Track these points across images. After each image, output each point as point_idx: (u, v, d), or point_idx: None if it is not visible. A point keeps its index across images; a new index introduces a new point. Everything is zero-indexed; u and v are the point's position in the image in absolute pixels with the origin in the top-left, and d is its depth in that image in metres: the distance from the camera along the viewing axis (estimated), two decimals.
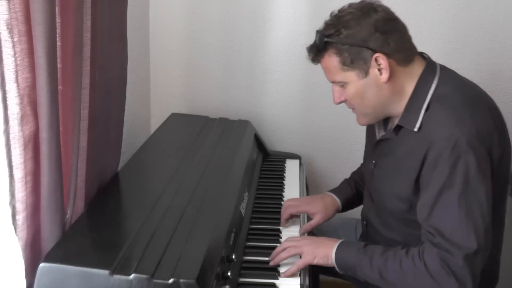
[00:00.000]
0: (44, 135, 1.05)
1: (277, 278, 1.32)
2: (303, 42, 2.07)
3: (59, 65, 1.10)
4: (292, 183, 1.88)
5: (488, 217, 1.19)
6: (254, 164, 1.90)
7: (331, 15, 1.32)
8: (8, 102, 0.99)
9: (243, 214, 1.52)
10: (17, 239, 1.08)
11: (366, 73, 1.27)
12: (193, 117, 2.10)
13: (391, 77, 1.26)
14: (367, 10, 1.27)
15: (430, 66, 1.32)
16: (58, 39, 1.09)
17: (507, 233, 1.39)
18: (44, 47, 0.99)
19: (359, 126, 2.15)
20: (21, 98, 1.01)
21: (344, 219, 1.75)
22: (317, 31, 1.31)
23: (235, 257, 1.31)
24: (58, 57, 1.08)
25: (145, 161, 1.67)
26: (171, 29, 2.11)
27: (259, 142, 2.05)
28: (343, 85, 1.32)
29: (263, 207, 1.68)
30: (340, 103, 1.37)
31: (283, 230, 1.56)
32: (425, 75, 1.29)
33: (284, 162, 2.05)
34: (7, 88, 0.98)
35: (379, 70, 1.26)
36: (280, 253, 1.36)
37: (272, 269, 1.35)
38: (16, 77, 0.99)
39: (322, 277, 1.82)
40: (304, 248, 1.35)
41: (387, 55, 1.25)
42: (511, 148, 1.30)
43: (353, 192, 1.65)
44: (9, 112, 1.00)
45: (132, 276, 1.04)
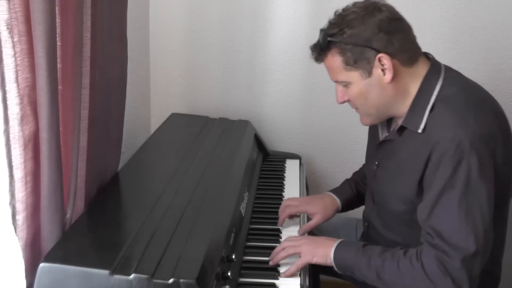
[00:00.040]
0: (44, 135, 1.05)
1: (277, 278, 1.32)
2: (303, 42, 2.10)
3: (59, 65, 1.10)
4: (292, 183, 1.88)
5: (489, 220, 1.18)
6: (254, 164, 1.90)
7: (335, 13, 1.30)
8: (8, 102, 0.99)
9: (243, 214, 1.52)
10: (17, 239, 1.08)
11: (369, 73, 1.26)
12: (193, 117, 2.10)
13: (394, 78, 1.25)
14: (371, 10, 1.25)
15: (434, 67, 1.30)
16: (58, 39, 1.09)
17: (509, 234, 1.38)
18: (44, 47, 0.99)
19: (359, 126, 2.15)
20: (21, 98, 1.01)
21: (344, 219, 1.74)
22: (321, 30, 1.30)
23: (235, 257, 1.31)
24: (58, 57, 1.08)
25: (145, 161, 1.67)
26: (171, 29, 2.11)
27: (259, 142, 2.05)
28: (346, 85, 1.31)
29: (263, 207, 1.68)
30: (343, 102, 1.36)
31: (283, 230, 1.56)
32: (429, 76, 1.28)
33: (284, 162, 2.05)
34: (7, 88, 0.98)
35: (382, 70, 1.25)
36: (279, 253, 1.36)
37: (272, 269, 1.35)
38: (16, 77, 0.99)
39: (322, 277, 1.82)
40: (303, 247, 1.35)
41: (391, 56, 1.24)
42: None
43: (353, 192, 1.64)
44: (9, 112, 1.00)
45: (132, 276, 1.04)
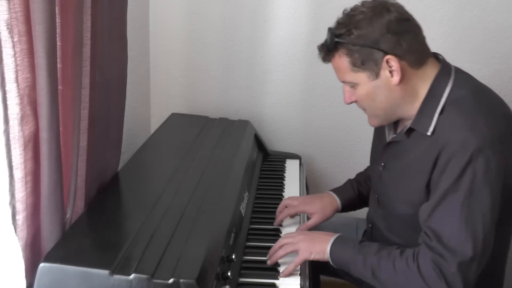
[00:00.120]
0: (44, 135, 1.05)
1: (277, 278, 1.32)
2: (303, 42, 2.11)
3: (59, 65, 1.10)
4: (292, 183, 1.88)
5: (490, 226, 1.17)
6: (254, 164, 1.90)
7: (343, 12, 1.28)
8: (8, 102, 0.99)
9: (243, 214, 1.52)
10: (17, 239, 1.08)
11: (377, 75, 1.24)
12: (193, 117, 2.10)
13: (402, 80, 1.23)
14: (379, 10, 1.23)
15: (444, 68, 1.28)
16: (58, 39, 1.08)
17: None
18: (44, 47, 0.99)
19: (359, 126, 2.18)
20: (21, 98, 1.01)
21: (344, 219, 1.74)
22: (329, 29, 1.27)
23: (235, 257, 1.31)
24: (58, 57, 1.08)
25: (145, 161, 1.67)
26: (171, 29, 2.11)
27: (259, 142, 2.05)
28: (353, 85, 1.29)
29: (263, 207, 1.68)
30: (351, 103, 1.34)
31: (283, 229, 1.56)
32: (439, 78, 1.26)
33: (284, 162, 2.05)
34: (7, 88, 0.98)
35: (390, 72, 1.23)
36: (278, 252, 1.36)
37: (272, 269, 1.35)
38: (16, 77, 0.99)
39: (323, 278, 1.82)
40: (301, 244, 1.35)
41: (399, 57, 1.22)
42: None
43: (355, 193, 1.63)
44: (9, 112, 1.00)
45: (132, 276, 1.04)
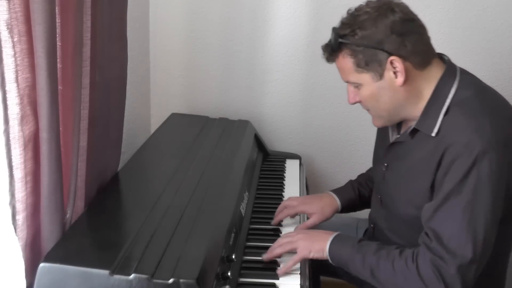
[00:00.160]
0: (44, 135, 1.05)
1: (277, 278, 1.32)
2: (303, 42, 2.11)
3: (59, 65, 1.10)
4: (292, 183, 1.88)
5: (491, 228, 1.17)
6: (254, 164, 1.90)
7: (348, 12, 1.28)
8: (8, 102, 0.99)
9: (243, 214, 1.52)
10: (17, 239, 1.08)
11: (380, 76, 1.23)
12: (193, 117, 2.10)
13: (407, 81, 1.22)
14: (384, 11, 1.22)
15: (450, 69, 1.27)
16: (58, 39, 1.08)
17: None
18: (44, 47, 0.99)
19: (359, 126, 2.18)
20: (21, 98, 1.01)
21: (344, 219, 1.74)
22: (333, 29, 1.27)
23: (235, 257, 1.31)
24: (58, 57, 1.08)
25: (145, 161, 1.67)
26: (171, 29, 2.11)
27: (259, 142, 2.05)
28: (357, 86, 1.29)
29: (263, 207, 1.68)
30: (355, 103, 1.33)
31: (283, 229, 1.56)
32: (444, 79, 1.25)
33: (284, 162, 2.05)
34: (7, 88, 0.98)
35: (394, 73, 1.22)
36: (276, 249, 1.37)
37: (272, 269, 1.35)
38: (16, 77, 0.99)
39: (323, 278, 1.82)
40: (299, 243, 1.35)
41: (403, 58, 1.21)
42: None
43: (355, 194, 1.63)
44: (9, 112, 1.00)
45: (132, 276, 1.04)
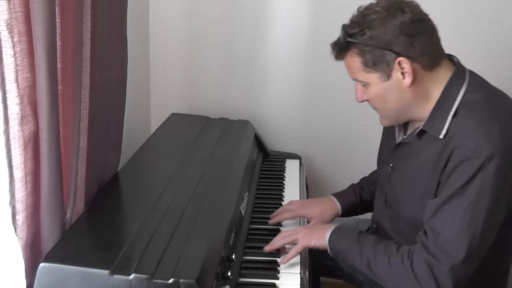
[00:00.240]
0: (44, 135, 1.05)
1: (277, 278, 1.32)
2: (303, 42, 2.11)
3: (59, 65, 1.10)
4: (292, 183, 1.88)
5: (490, 232, 1.18)
6: (254, 164, 1.90)
7: (358, 10, 1.27)
8: (8, 102, 0.99)
9: (243, 214, 1.52)
10: (17, 239, 1.08)
11: (388, 76, 1.23)
12: (193, 117, 2.10)
13: (414, 82, 1.22)
14: (393, 11, 1.20)
15: (459, 71, 1.26)
16: (58, 39, 1.08)
17: None
18: (44, 47, 0.99)
19: (359, 126, 2.18)
20: (21, 98, 1.01)
21: (345, 219, 1.74)
22: (343, 27, 1.26)
23: (235, 257, 1.31)
24: (58, 57, 1.08)
25: (145, 161, 1.67)
26: (171, 29, 2.11)
27: (259, 142, 2.05)
28: (365, 85, 1.28)
29: (263, 207, 1.68)
30: (363, 101, 1.33)
31: (283, 230, 1.55)
32: (453, 81, 1.24)
33: (284, 162, 2.05)
34: (7, 88, 0.98)
35: (402, 74, 1.21)
36: (278, 241, 1.39)
37: (272, 269, 1.35)
38: (16, 77, 0.99)
39: (322, 279, 1.83)
40: (300, 234, 1.38)
41: (412, 59, 1.20)
42: None
43: (356, 198, 1.63)
44: (9, 112, 1.00)
45: (132, 276, 1.04)
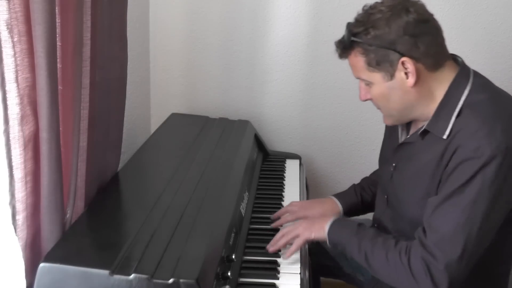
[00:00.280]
0: (44, 135, 1.05)
1: (277, 278, 1.32)
2: (303, 42, 2.11)
3: (59, 65, 1.10)
4: (292, 183, 1.88)
5: (487, 231, 1.18)
6: (254, 164, 1.90)
7: (363, 9, 1.27)
8: (8, 102, 0.99)
9: (243, 214, 1.52)
10: (17, 239, 1.08)
11: (391, 76, 1.23)
12: (193, 117, 2.10)
13: (418, 82, 1.22)
14: (398, 10, 1.20)
15: (463, 71, 1.26)
16: (58, 39, 1.08)
17: None
18: (44, 47, 0.99)
19: (359, 126, 2.18)
20: (21, 98, 1.01)
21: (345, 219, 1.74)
22: (347, 26, 1.26)
23: (235, 257, 1.31)
24: (58, 57, 1.08)
25: (145, 161, 1.67)
26: (171, 29, 2.11)
27: (259, 142, 2.05)
28: (368, 84, 1.28)
29: (263, 207, 1.68)
30: (366, 100, 1.33)
31: (283, 228, 1.56)
32: (457, 81, 1.24)
33: (284, 162, 2.05)
34: (7, 88, 0.98)
35: (405, 74, 1.22)
36: (280, 240, 1.39)
37: (272, 269, 1.35)
38: (16, 77, 0.99)
39: (322, 279, 1.83)
40: (300, 228, 1.39)
41: (415, 59, 1.20)
42: None
43: (357, 198, 1.63)
44: (9, 112, 1.00)
45: (132, 276, 1.04)
